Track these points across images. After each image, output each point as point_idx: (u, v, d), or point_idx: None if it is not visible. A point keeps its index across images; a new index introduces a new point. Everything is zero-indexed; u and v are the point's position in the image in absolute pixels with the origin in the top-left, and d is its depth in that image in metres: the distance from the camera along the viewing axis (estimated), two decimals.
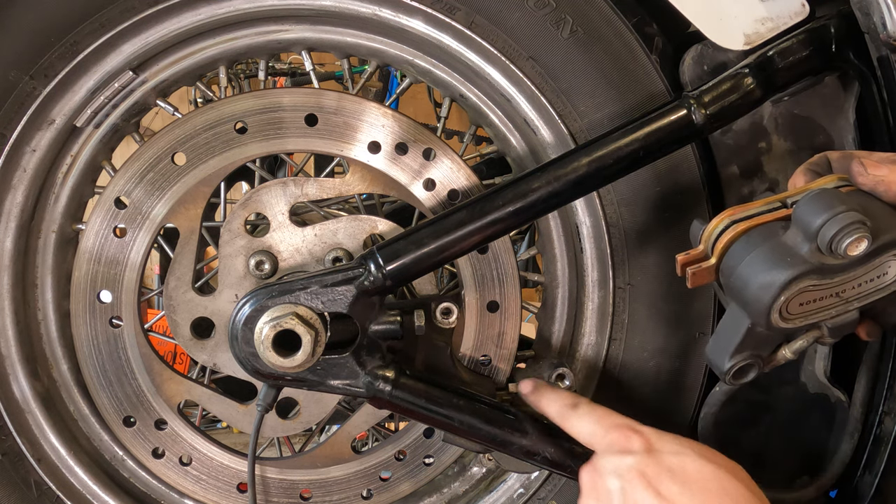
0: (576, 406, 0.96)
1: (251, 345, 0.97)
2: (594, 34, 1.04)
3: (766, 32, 0.96)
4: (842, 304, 0.82)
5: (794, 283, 0.78)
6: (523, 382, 1.05)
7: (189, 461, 1.15)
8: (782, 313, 0.81)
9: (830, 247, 0.77)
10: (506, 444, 1.02)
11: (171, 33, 1.06)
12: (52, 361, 1.15)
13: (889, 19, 0.89)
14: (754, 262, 0.81)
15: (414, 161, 1.08)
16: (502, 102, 1.11)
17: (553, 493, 1.18)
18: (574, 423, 0.95)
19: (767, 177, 1.08)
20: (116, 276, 1.08)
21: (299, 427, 1.17)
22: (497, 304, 1.11)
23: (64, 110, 1.07)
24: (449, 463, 1.21)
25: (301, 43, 1.12)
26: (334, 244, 1.08)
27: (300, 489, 1.18)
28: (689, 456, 0.83)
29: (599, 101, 1.05)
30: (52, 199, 1.11)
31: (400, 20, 1.07)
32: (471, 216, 0.96)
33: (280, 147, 1.07)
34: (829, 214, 0.77)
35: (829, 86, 1.04)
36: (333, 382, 1.00)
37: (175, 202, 1.06)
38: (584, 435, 0.93)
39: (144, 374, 1.11)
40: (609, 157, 0.96)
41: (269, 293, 0.98)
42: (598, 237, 1.11)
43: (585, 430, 0.93)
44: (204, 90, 1.17)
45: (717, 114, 0.95)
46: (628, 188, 1.07)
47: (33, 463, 1.13)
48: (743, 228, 0.83)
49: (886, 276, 0.82)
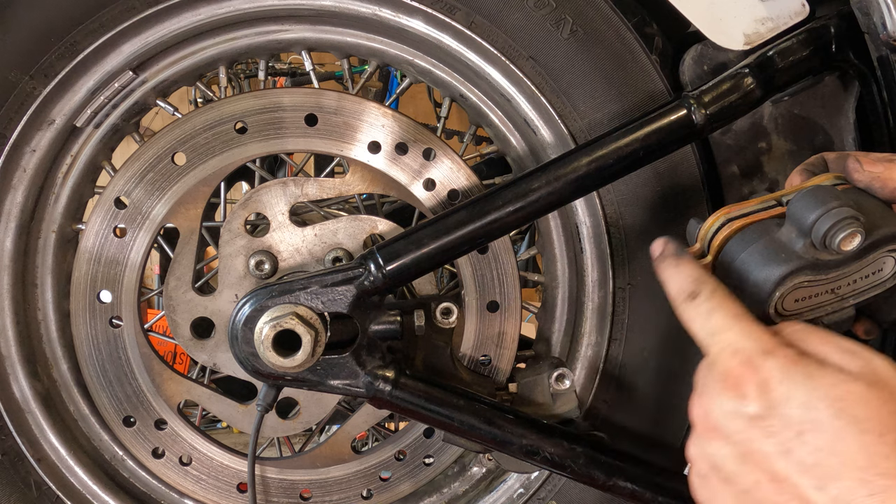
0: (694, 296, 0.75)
1: (251, 345, 0.97)
2: (594, 34, 1.04)
3: (766, 32, 0.97)
4: (837, 300, 0.82)
5: (789, 278, 0.78)
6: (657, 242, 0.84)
7: (189, 461, 1.15)
8: (778, 310, 0.81)
9: (824, 242, 0.77)
10: (506, 444, 1.02)
11: (170, 33, 1.06)
12: (52, 361, 1.15)
13: (889, 19, 0.89)
14: (749, 259, 0.81)
15: (414, 161, 1.08)
16: (502, 102, 1.11)
17: (553, 493, 1.18)
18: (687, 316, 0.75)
19: (767, 177, 1.08)
20: (116, 276, 1.08)
21: (299, 427, 1.17)
22: (497, 304, 1.11)
23: (64, 110, 1.07)
24: (449, 463, 1.21)
25: (301, 43, 1.12)
26: (334, 244, 1.08)
27: (300, 489, 1.18)
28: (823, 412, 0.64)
29: (599, 100, 1.05)
30: (52, 199, 1.11)
31: (400, 20, 1.07)
32: (471, 216, 0.96)
33: (280, 147, 1.07)
34: (823, 210, 0.77)
35: (829, 86, 1.04)
36: (333, 382, 1.00)
37: (175, 202, 1.06)
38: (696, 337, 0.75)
39: (144, 374, 1.11)
40: (609, 157, 0.95)
41: (269, 293, 0.98)
42: (598, 237, 1.11)
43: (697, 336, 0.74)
44: (204, 90, 1.17)
45: (717, 114, 0.95)
46: (628, 188, 1.07)
47: (33, 463, 1.13)
48: (738, 226, 0.83)
49: (882, 273, 0.82)
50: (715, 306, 0.73)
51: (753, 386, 0.67)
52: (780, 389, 0.65)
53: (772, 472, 0.65)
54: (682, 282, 0.77)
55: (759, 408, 0.66)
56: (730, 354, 0.69)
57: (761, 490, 0.65)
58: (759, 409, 0.66)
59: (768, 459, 0.65)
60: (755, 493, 0.66)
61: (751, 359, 0.68)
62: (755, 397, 0.66)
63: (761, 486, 0.65)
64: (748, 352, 0.68)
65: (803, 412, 0.64)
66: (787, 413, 0.65)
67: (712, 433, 0.69)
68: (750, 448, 0.66)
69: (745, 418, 0.66)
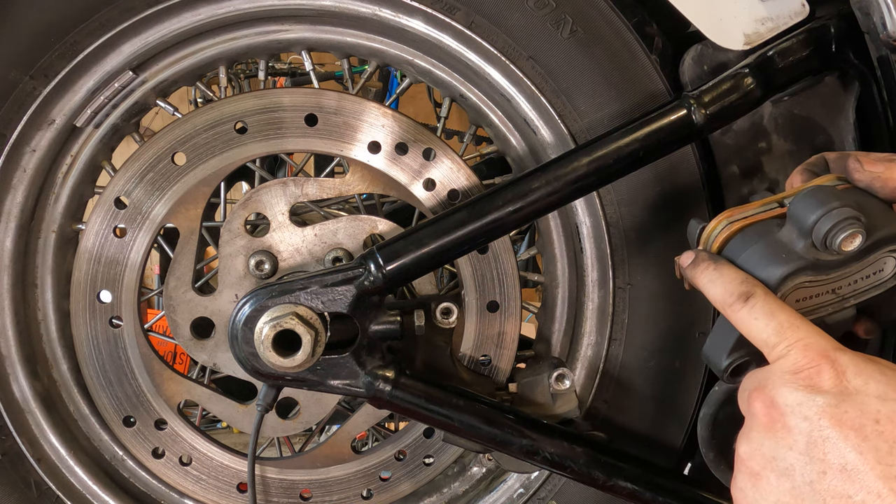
0: (747, 297, 0.75)
1: (251, 345, 0.97)
2: (594, 34, 1.04)
3: (766, 32, 0.97)
4: (838, 300, 0.83)
5: (790, 279, 0.78)
6: (685, 254, 0.84)
7: (189, 461, 1.15)
8: None
9: (825, 242, 0.77)
10: (506, 444, 1.02)
11: (170, 33, 1.06)
12: (52, 361, 1.15)
13: (889, 19, 0.89)
14: (750, 259, 0.81)
15: (414, 161, 1.08)
16: (502, 102, 1.11)
17: (553, 493, 1.18)
18: (744, 319, 0.75)
19: (767, 177, 1.08)
20: (116, 276, 1.08)
21: (299, 427, 1.17)
22: (497, 304, 1.11)
23: (64, 110, 1.07)
24: (449, 463, 1.21)
25: (301, 43, 1.12)
26: (334, 244, 1.08)
27: (300, 489, 1.18)
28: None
29: (599, 101, 1.05)
30: (52, 199, 1.11)
31: (400, 20, 1.07)
32: (471, 216, 0.96)
33: (280, 147, 1.07)
34: (824, 210, 0.77)
35: (829, 86, 1.04)
36: (333, 382, 1.00)
37: (175, 202, 1.06)
38: (757, 340, 0.74)
39: (144, 374, 1.11)
40: (609, 157, 0.95)
41: (269, 293, 0.98)
42: (598, 237, 1.11)
43: (760, 335, 0.73)
44: (204, 90, 1.17)
45: (716, 114, 0.95)
46: (628, 188, 1.07)
47: (33, 463, 1.13)
48: (738, 227, 0.83)
49: (883, 273, 0.82)
50: (776, 306, 0.74)
51: (828, 377, 0.67)
52: (857, 381, 0.66)
53: (842, 462, 0.64)
54: (729, 285, 0.77)
55: (833, 397, 0.66)
56: (802, 348, 0.69)
57: (827, 481, 0.65)
58: (833, 399, 0.66)
59: (838, 448, 0.64)
60: (819, 484, 0.65)
61: (826, 352, 0.68)
62: (830, 387, 0.66)
63: (827, 476, 0.64)
64: (822, 346, 0.69)
65: (880, 403, 0.65)
66: (863, 402, 0.65)
67: (775, 424, 0.69)
68: (820, 436, 0.65)
69: (817, 407, 0.66)
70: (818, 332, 0.71)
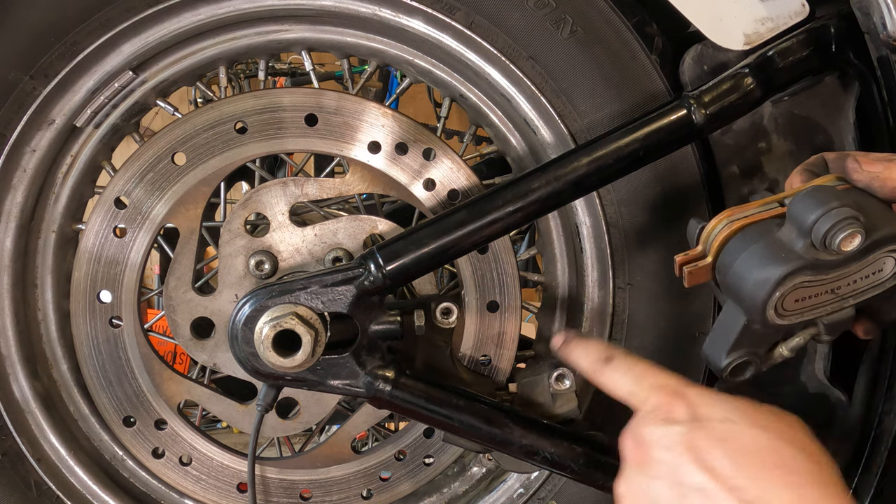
0: (609, 360, 0.87)
1: (251, 345, 0.97)
2: (594, 34, 1.04)
3: (766, 32, 0.97)
4: (837, 300, 0.83)
5: (789, 278, 0.79)
6: (556, 336, 0.97)
7: (189, 461, 1.15)
8: (778, 310, 0.81)
9: (824, 242, 0.77)
10: (506, 444, 1.02)
11: (170, 33, 1.06)
12: (52, 361, 1.15)
13: (889, 19, 0.89)
14: (749, 259, 0.81)
15: (414, 161, 1.08)
16: (502, 102, 1.11)
17: (553, 493, 1.18)
18: (609, 378, 0.86)
19: (767, 177, 1.08)
20: (116, 276, 1.08)
21: (299, 427, 1.17)
22: (497, 304, 1.11)
23: (64, 110, 1.07)
24: (449, 463, 1.21)
25: (301, 43, 1.12)
26: (334, 244, 1.08)
27: (300, 489, 1.18)
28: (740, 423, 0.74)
29: (599, 101, 1.05)
30: (52, 199, 1.11)
31: (400, 20, 1.07)
32: (471, 216, 0.96)
33: (280, 147, 1.07)
34: (823, 210, 0.77)
35: (829, 86, 1.04)
36: (333, 382, 1.00)
37: (175, 202, 1.06)
38: (621, 393, 0.84)
39: (144, 374, 1.11)
40: (609, 157, 0.95)
41: (269, 293, 0.98)
42: (598, 237, 1.11)
43: (623, 388, 0.84)
44: (204, 90, 1.17)
45: (716, 114, 0.95)
46: (628, 188, 1.07)
47: (33, 463, 1.13)
48: (738, 226, 0.84)
49: (882, 273, 0.82)
50: (632, 361, 0.86)
51: (681, 409, 0.77)
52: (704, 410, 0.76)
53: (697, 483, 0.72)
54: (593, 353, 0.90)
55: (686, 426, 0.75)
56: (657, 389, 0.80)
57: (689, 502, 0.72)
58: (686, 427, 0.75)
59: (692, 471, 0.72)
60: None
61: (677, 389, 0.79)
62: (684, 418, 0.76)
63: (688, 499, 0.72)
64: (673, 385, 0.80)
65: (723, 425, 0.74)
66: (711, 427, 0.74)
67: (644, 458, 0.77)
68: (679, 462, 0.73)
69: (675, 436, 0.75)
70: (669, 375, 0.82)
